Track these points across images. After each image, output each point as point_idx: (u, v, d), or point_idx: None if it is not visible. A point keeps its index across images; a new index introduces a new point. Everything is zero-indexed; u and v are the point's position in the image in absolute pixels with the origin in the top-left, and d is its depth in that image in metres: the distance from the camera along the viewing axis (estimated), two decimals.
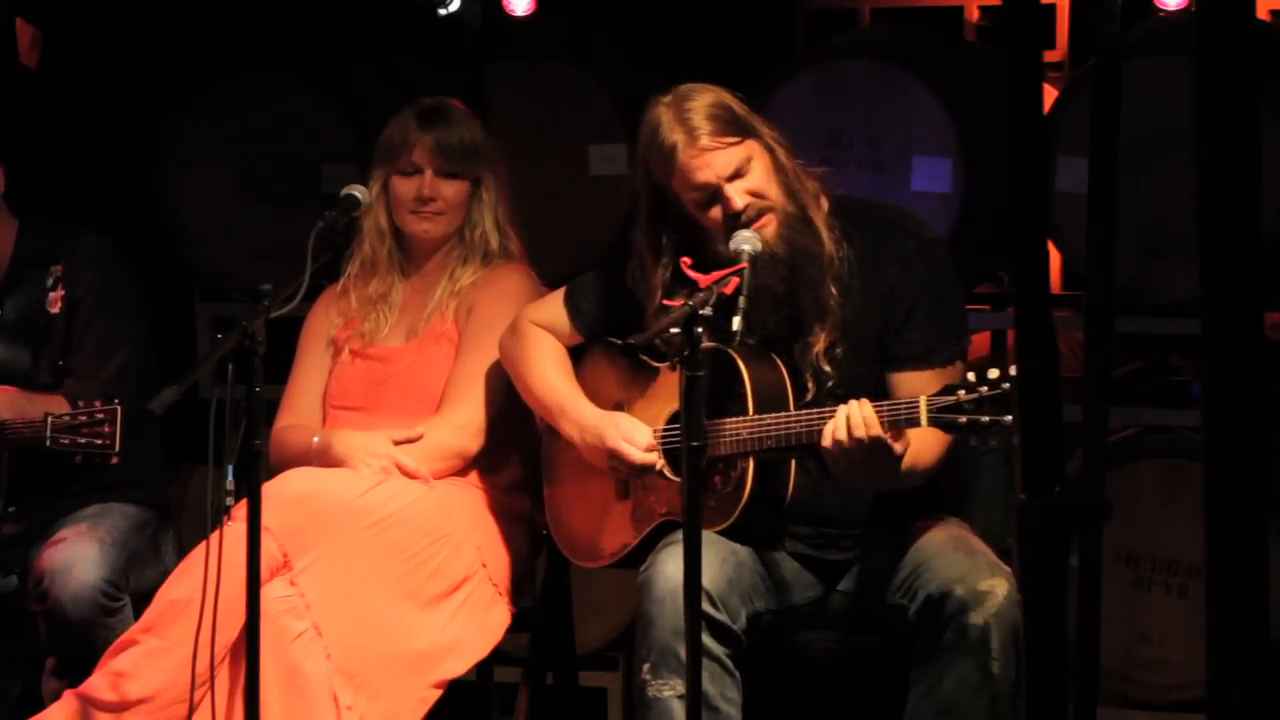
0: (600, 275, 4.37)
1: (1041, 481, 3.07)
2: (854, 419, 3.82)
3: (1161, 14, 5.26)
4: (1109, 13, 3.70)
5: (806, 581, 4.16)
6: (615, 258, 4.37)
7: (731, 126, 4.01)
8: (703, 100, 4.03)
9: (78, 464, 4.45)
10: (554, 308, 4.37)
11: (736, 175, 4.00)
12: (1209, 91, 2.56)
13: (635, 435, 4.14)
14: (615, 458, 4.15)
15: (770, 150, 4.05)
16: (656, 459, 4.14)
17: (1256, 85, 2.56)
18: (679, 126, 4.00)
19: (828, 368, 4.04)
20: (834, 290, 4.04)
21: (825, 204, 4.10)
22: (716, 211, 4.02)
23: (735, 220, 3.99)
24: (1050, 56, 5.75)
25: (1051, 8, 5.76)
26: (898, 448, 3.83)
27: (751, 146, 4.02)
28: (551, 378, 4.30)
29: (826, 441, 3.85)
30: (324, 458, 4.45)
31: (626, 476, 4.19)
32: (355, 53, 5.81)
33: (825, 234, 4.05)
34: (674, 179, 4.03)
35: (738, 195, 4.00)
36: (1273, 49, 4.87)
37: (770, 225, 4.02)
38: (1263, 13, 5.57)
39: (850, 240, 4.08)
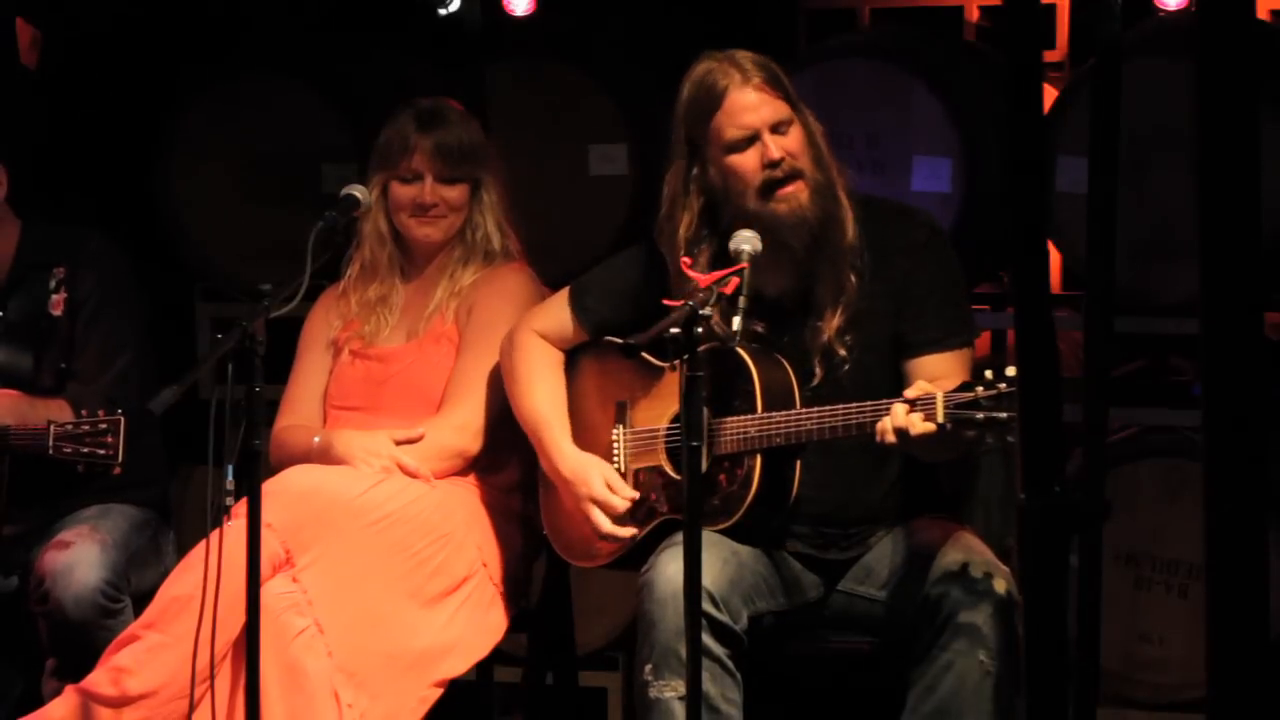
0: (603, 269, 4.37)
1: (1041, 481, 3.07)
2: (894, 423, 3.81)
3: (1161, 14, 5.26)
4: (1109, 13, 3.70)
5: (808, 581, 4.16)
6: (619, 251, 4.37)
7: (780, 86, 4.06)
8: (757, 59, 4.08)
9: (80, 473, 4.45)
10: (557, 311, 4.36)
11: (777, 129, 4.04)
12: (1209, 91, 2.56)
13: (611, 501, 4.17)
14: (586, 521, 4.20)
15: (806, 126, 4.08)
16: (629, 532, 4.16)
17: (1256, 85, 2.56)
18: (734, 70, 4.04)
19: (842, 351, 4.04)
20: (853, 277, 4.05)
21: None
22: (750, 158, 4.03)
23: (773, 167, 4.00)
24: (1050, 56, 5.74)
25: (1051, 8, 5.75)
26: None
27: (792, 114, 4.06)
28: (538, 400, 4.31)
29: (886, 437, 3.83)
30: (325, 457, 4.45)
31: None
32: (355, 52, 5.80)
33: (850, 212, 4.07)
34: (715, 118, 4.04)
35: (776, 146, 4.02)
36: (1273, 49, 4.87)
37: (803, 191, 4.03)
38: (1263, 13, 5.57)
39: (866, 228, 4.10)
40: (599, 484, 4.18)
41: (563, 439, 4.26)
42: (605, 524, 4.17)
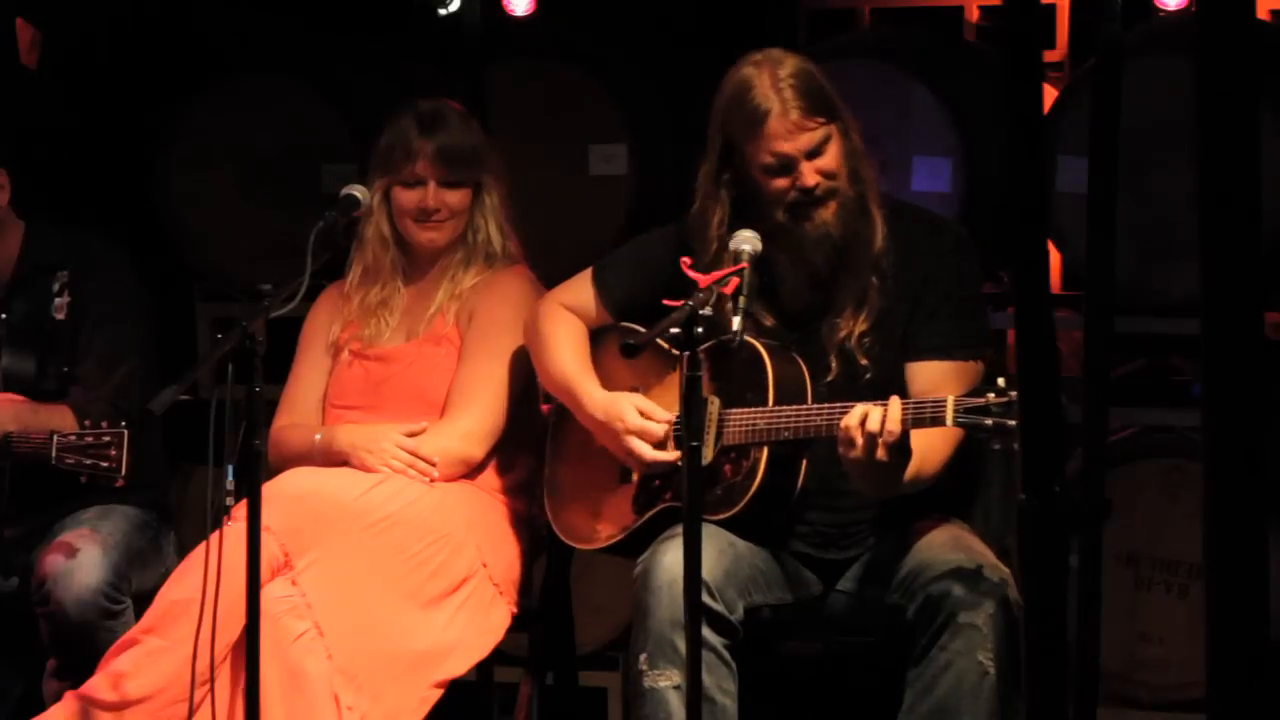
0: (630, 247, 4.37)
1: (1041, 481, 3.07)
2: (874, 415, 3.81)
3: (1161, 14, 5.26)
4: (1109, 13, 3.70)
5: (806, 579, 4.16)
6: (648, 230, 4.36)
7: (821, 106, 4.03)
8: (797, 70, 4.03)
9: (83, 483, 4.43)
10: (581, 288, 4.35)
11: (815, 154, 4.03)
12: (1209, 91, 2.56)
13: (648, 428, 4.14)
14: (628, 455, 4.16)
15: (845, 133, 4.07)
16: (674, 456, 4.12)
17: (1256, 85, 2.56)
18: (774, 95, 4.00)
19: (863, 360, 4.04)
20: (875, 281, 4.05)
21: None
22: (782, 181, 4.03)
23: (806, 195, 4.00)
24: (1050, 56, 5.75)
25: (1051, 8, 5.76)
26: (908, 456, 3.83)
27: (832, 128, 4.04)
28: (565, 360, 4.29)
29: (847, 423, 3.83)
30: (327, 453, 4.45)
31: (639, 470, 4.20)
32: (355, 53, 5.81)
33: (880, 223, 4.07)
34: (752, 142, 4.03)
35: (810, 173, 4.02)
36: (1273, 49, 4.87)
37: (831, 211, 4.04)
38: (1263, 13, 5.57)
39: (893, 231, 4.10)
40: (633, 414, 4.15)
41: (591, 387, 4.24)
42: (648, 452, 4.14)
